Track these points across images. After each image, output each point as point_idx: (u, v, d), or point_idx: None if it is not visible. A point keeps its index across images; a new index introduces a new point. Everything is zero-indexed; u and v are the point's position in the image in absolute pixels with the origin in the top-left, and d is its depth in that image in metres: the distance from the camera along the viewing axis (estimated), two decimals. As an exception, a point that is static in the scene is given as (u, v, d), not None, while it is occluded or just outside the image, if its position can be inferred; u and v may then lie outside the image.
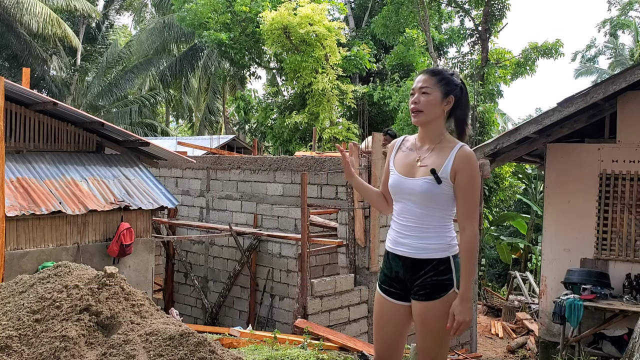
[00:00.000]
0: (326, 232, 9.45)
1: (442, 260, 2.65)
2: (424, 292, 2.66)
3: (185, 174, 11.74)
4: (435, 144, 2.70)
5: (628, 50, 29.37)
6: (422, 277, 2.66)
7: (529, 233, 19.10)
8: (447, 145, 2.68)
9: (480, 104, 17.26)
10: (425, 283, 2.65)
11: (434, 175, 2.60)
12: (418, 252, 2.66)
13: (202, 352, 3.09)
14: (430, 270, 2.64)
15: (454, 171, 2.61)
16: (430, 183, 2.61)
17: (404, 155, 2.77)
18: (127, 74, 25.19)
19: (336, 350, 6.07)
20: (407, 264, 2.69)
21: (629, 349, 4.87)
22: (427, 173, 2.63)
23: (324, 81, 16.73)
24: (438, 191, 2.62)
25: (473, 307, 10.86)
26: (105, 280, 3.40)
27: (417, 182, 2.64)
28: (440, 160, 2.64)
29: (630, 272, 8.04)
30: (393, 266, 2.75)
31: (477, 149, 9.08)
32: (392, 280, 2.76)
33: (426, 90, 2.67)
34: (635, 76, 7.50)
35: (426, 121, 2.69)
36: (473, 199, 2.62)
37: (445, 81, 2.69)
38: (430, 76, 2.70)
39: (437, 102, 2.67)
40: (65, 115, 8.35)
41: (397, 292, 2.76)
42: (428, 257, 2.65)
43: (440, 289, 2.65)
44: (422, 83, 2.69)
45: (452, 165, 2.61)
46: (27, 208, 7.18)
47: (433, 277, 2.64)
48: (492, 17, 18.45)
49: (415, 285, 2.68)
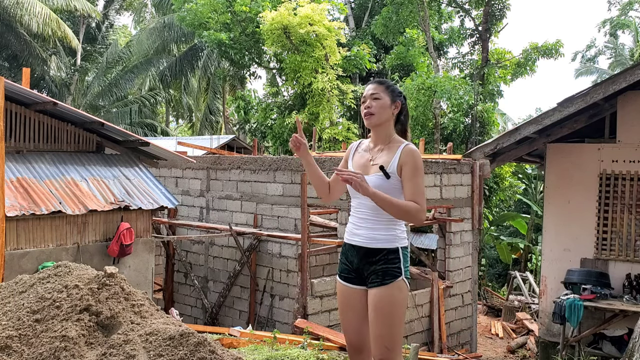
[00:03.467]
0: (326, 232, 9.46)
1: (391, 250, 2.90)
2: (376, 279, 2.89)
3: (185, 174, 11.74)
4: (385, 144, 3.01)
5: (628, 50, 29.37)
6: (374, 265, 2.90)
7: (529, 233, 19.10)
8: (395, 144, 2.99)
9: (480, 104, 17.26)
10: (377, 270, 2.89)
11: (383, 171, 2.89)
12: (370, 242, 2.92)
13: (202, 352, 3.09)
14: (381, 259, 2.89)
15: (400, 166, 2.91)
16: (380, 178, 2.89)
17: (359, 157, 3.08)
18: (127, 74, 25.18)
19: (336, 350, 6.07)
20: (361, 253, 2.94)
21: (629, 349, 4.88)
22: (377, 170, 2.93)
23: (324, 81, 16.73)
24: (387, 185, 2.88)
25: (473, 307, 10.86)
26: (105, 280, 3.40)
27: (370, 179, 2.88)
28: (389, 158, 2.94)
29: (630, 272, 8.04)
30: (349, 255, 3.01)
31: (477, 149, 9.08)
32: (350, 269, 3.00)
33: (377, 96, 3.00)
34: (635, 76, 7.50)
35: (378, 122, 2.99)
36: (418, 185, 2.90)
37: (391, 89, 3.05)
38: (379, 85, 3.04)
39: (386, 105, 3.00)
40: (65, 115, 8.34)
41: (354, 277, 2.99)
42: (379, 247, 2.91)
43: (390, 275, 2.87)
44: (373, 90, 3.02)
45: (398, 160, 2.91)
46: (27, 208, 7.18)
47: (384, 265, 2.89)
48: (492, 17, 18.46)
49: (369, 274, 2.92)
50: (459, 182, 10.32)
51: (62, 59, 24.72)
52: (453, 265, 10.29)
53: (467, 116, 17.57)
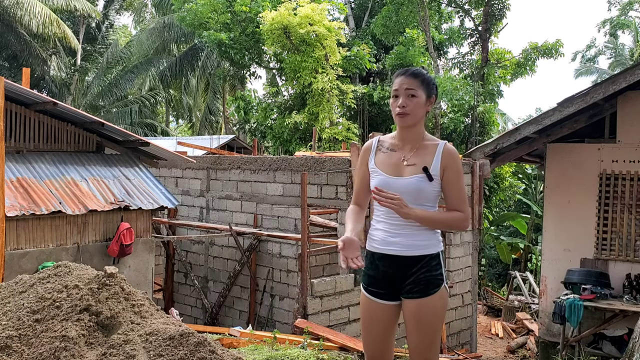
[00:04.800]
0: (326, 232, 9.45)
1: (433, 256, 2.69)
2: (417, 289, 2.66)
3: (185, 174, 11.74)
4: (418, 143, 2.74)
5: (628, 50, 29.36)
6: (414, 275, 2.67)
7: (529, 233, 19.09)
8: (430, 143, 2.74)
9: (480, 104, 17.26)
10: (419, 280, 2.66)
11: (426, 173, 2.65)
12: (410, 249, 2.67)
13: (202, 352, 3.09)
14: (423, 267, 2.67)
15: (442, 167, 2.68)
16: (422, 180, 2.66)
17: (386, 157, 2.78)
18: (127, 74, 25.19)
19: (336, 350, 6.07)
20: (398, 262, 2.69)
21: (629, 349, 4.87)
22: (417, 171, 2.67)
23: (324, 81, 16.72)
24: (429, 188, 2.67)
25: (473, 307, 10.86)
26: (105, 280, 3.40)
27: (410, 181, 2.67)
28: (427, 159, 2.69)
29: (630, 272, 8.04)
30: (380, 266, 2.73)
31: (477, 149, 9.08)
32: (379, 281, 2.74)
33: (413, 93, 2.68)
34: (635, 76, 7.49)
35: (413, 123, 2.71)
36: (462, 190, 2.73)
37: (427, 82, 2.72)
38: (414, 78, 2.70)
39: (422, 103, 2.71)
40: (65, 115, 8.34)
41: (385, 292, 2.74)
42: (420, 254, 2.67)
43: (434, 284, 2.67)
44: (408, 85, 2.69)
45: (440, 162, 2.68)
46: (27, 208, 7.18)
47: (426, 273, 2.66)
48: (492, 17, 18.46)
49: (407, 284, 2.68)
50: (459, 182, 10.30)
51: (62, 59, 24.72)
52: (453, 265, 10.29)
53: (467, 116, 17.58)
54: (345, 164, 9.03)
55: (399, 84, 2.71)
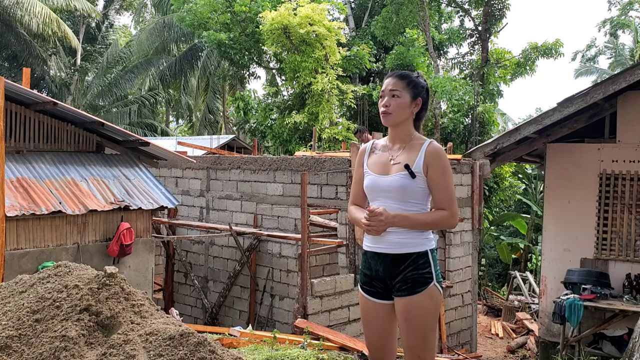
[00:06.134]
0: (326, 232, 9.45)
1: (420, 254, 2.71)
2: (405, 287, 2.70)
3: (185, 174, 11.74)
4: (405, 142, 2.82)
5: (628, 50, 29.36)
6: (402, 273, 2.71)
7: (529, 233, 19.09)
8: (417, 142, 2.81)
9: (480, 104, 17.26)
10: (407, 278, 2.70)
11: (408, 170, 2.71)
12: (397, 247, 2.72)
13: (202, 352, 3.09)
14: (410, 265, 2.70)
15: (425, 165, 2.73)
16: (405, 177, 2.72)
17: (376, 157, 2.87)
18: (127, 74, 25.19)
19: (336, 350, 6.07)
20: (386, 260, 2.74)
21: (629, 349, 4.87)
22: (401, 169, 2.74)
23: (324, 81, 16.72)
24: (413, 185, 2.72)
25: (473, 307, 10.86)
26: (105, 280, 3.40)
27: (393, 178, 2.74)
28: (412, 157, 2.76)
29: (630, 272, 8.04)
30: (372, 265, 2.80)
31: (477, 149, 9.08)
32: (373, 280, 2.80)
33: (396, 94, 2.79)
34: (635, 76, 7.49)
35: (395, 122, 2.81)
36: (448, 188, 2.74)
37: (413, 84, 2.81)
38: (399, 80, 2.81)
39: (406, 104, 2.79)
40: (65, 115, 8.34)
41: (379, 291, 2.80)
42: (407, 252, 2.71)
43: (421, 282, 2.69)
44: (392, 86, 2.80)
45: (423, 159, 2.73)
46: (27, 208, 7.18)
47: (413, 271, 2.70)
48: (492, 17, 18.46)
49: (396, 282, 2.73)
50: (459, 182, 10.32)
51: (62, 59, 24.73)
52: (453, 265, 10.29)
53: (467, 116, 17.58)
54: (345, 164, 9.04)
55: (385, 85, 2.85)
